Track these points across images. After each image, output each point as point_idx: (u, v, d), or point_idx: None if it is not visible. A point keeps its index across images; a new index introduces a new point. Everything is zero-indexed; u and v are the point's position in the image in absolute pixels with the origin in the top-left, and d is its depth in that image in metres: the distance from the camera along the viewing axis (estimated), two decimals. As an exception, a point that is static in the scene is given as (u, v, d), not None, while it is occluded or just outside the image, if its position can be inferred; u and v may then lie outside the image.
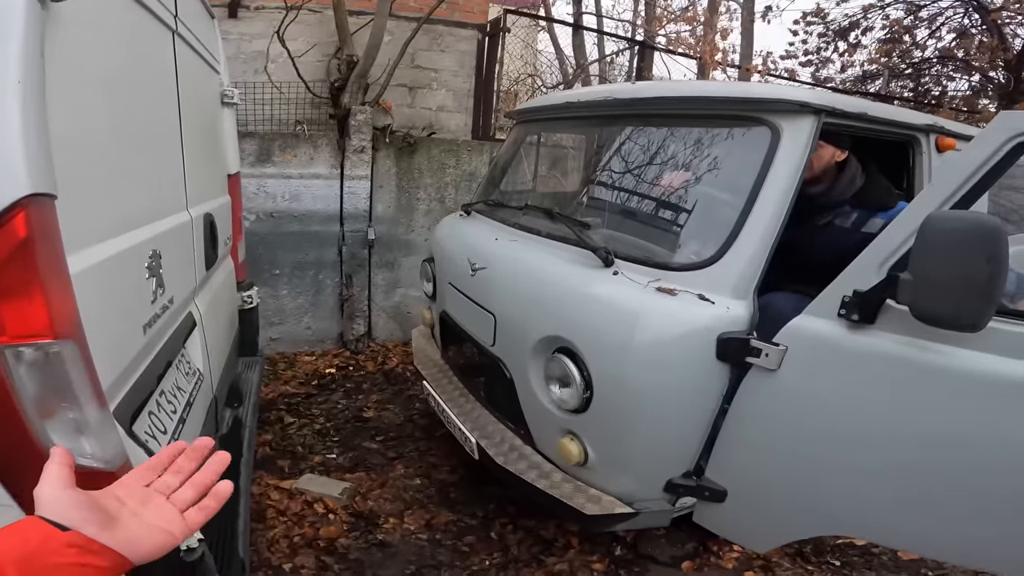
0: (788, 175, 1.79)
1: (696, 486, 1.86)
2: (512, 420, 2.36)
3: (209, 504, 0.69)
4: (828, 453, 1.62)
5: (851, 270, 1.57)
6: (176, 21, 1.65)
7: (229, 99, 2.44)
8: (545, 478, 2.04)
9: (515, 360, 2.24)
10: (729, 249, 1.79)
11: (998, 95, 7.32)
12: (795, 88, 2.29)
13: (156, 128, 1.48)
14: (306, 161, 4.07)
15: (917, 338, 1.44)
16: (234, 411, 2.30)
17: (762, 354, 1.67)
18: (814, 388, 1.62)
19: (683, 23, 9.27)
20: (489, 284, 2.41)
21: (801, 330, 1.64)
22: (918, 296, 1.34)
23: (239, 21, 4.20)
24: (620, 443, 1.88)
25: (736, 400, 1.76)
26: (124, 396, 1.18)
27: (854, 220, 2.20)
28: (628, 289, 1.82)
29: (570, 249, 2.14)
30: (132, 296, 1.21)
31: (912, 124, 2.19)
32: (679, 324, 1.72)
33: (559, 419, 2.02)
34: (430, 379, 2.84)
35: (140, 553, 0.62)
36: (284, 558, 2.31)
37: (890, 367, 1.48)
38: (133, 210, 1.26)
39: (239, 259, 2.63)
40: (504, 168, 3.18)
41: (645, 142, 2.31)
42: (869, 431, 1.54)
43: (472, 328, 2.58)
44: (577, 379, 1.88)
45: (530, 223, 2.50)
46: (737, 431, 1.78)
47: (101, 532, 0.58)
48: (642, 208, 2.23)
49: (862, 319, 1.52)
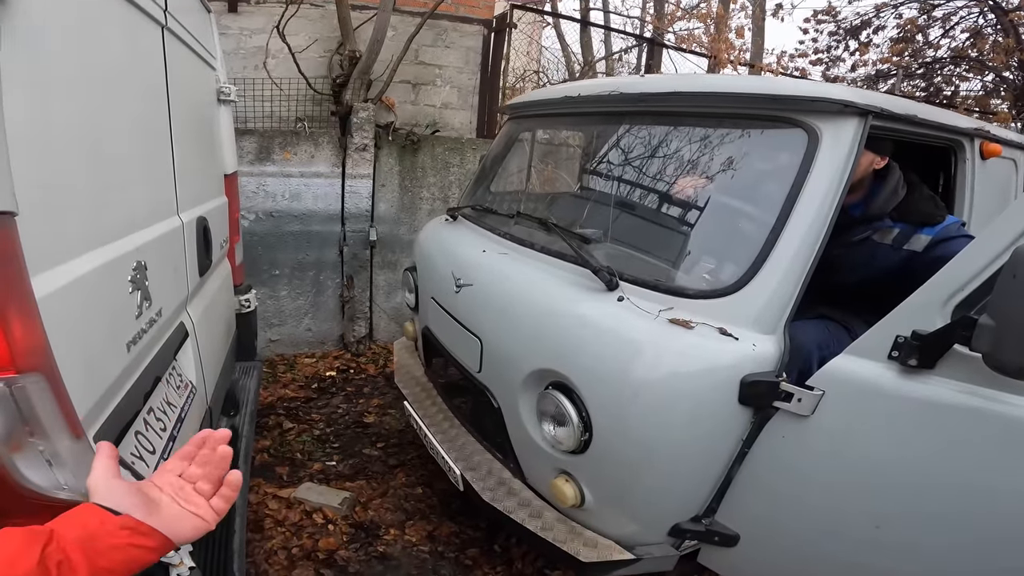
0: (828, 187, 1.55)
1: (705, 531, 1.66)
2: (500, 451, 2.14)
3: (227, 493, 0.77)
4: (864, 506, 1.44)
5: (908, 307, 1.36)
6: (166, 16, 1.56)
7: (226, 96, 2.36)
8: (536, 518, 1.84)
9: (503, 391, 2.00)
10: (757, 274, 1.55)
11: (1012, 95, 7.21)
12: (836, 86, 2.02)
13: (141, 130, 1.40)
14: (307, 159, 3.99)
15: (984, 387, 1.25)
16: (230, 420, 2.23)
17: (793, 399, 1.46)
18: (854, 438, 1.42)
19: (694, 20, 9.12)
20: (475, 303, 2.15)
21: (843, 373, 1.43)
22: (1000, 345, 1.13)
23: (239, 16, 4.11)
24: (622, 490, 1.68)
25: (758, 444, 1.56)
26: (106, 419, 1.11)
27: (895, 236, 1.95)
28: (635, 319, 1.59)
29: (568, 267, 1.89)
30: (113, 313, 1.13)
31: (959, 128, 2.01)
32: (695, 363, 1.49)
33: (552, 458, 1.80)
34: (412, 400, 2.59)
35: (181, 535, 0.70)
36: (282, 570, 2.25)
37: (950, 418, 1.29)
38: (113, 221, 1.18)
39: (236, 261, 2.55)
40: (494, 168, 2.91)
41: (656, 144, 2.05)
42: (918, 484, 1.36)
43: (456, 351, 2.32)
44: (574, 419, 1.65)
45: (522, 234, 2.24)
46: (756, 477, 1.59)
47: (149, 516, 0.67)
48: (653, 222, 1.96)
49: (921, 364, 1.31)
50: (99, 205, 1.12)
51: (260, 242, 3.96)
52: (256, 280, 3.95)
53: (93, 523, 0.62)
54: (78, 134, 1.04)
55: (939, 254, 1.78)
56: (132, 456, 1.22)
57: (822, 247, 1.54)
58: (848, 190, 1.80)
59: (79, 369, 0.97)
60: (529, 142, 2.94)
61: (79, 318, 0.99)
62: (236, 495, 0.77)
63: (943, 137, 1.98)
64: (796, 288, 1.53)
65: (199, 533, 0.73)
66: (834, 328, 1.98)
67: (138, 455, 1.25)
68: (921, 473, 1.34)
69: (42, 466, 0.86)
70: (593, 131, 2.59)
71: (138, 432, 1.27)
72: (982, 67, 7.62)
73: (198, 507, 0.74)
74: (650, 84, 2.06)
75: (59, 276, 0.92)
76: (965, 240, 1.78)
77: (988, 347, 1.15)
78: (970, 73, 7.94)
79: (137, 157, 1.36)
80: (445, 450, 2.20)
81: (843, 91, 1.63)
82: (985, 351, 1.17)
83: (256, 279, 3.95)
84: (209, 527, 0.73)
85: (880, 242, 1.98)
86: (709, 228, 1.80)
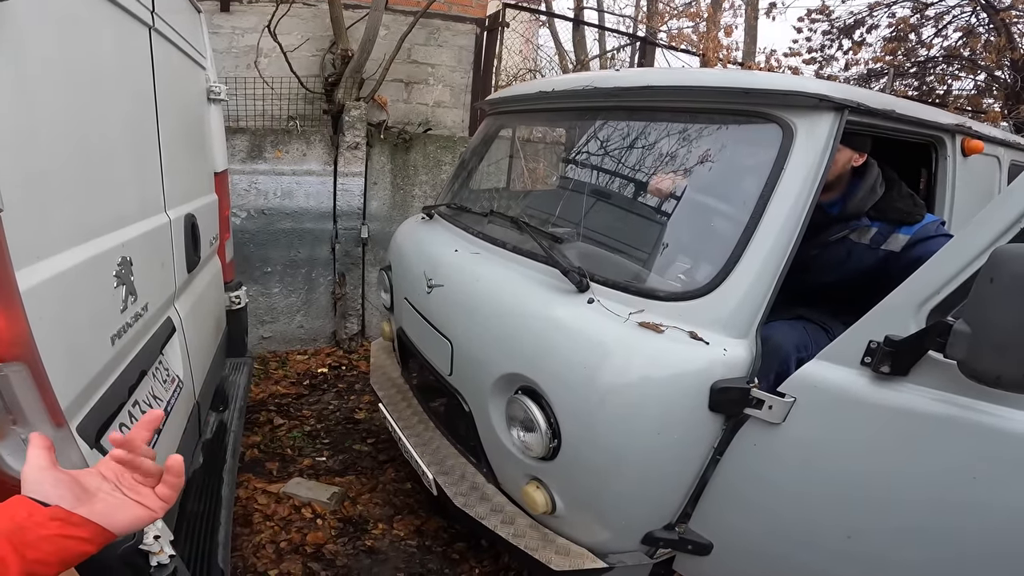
0: (802, 185, 1.50)
1: (679, 539, 1.62)
2: (474, 455, 2.09)
3: (170, 480, 0.74)
4: (836, 516, 1.39)
5: (881, 310, 1.31)
6: (153, 16, 1.59)
7: (216, 95, 2.38)
8: (509, 524, 1.80)
9: (474, 395, 1.94)
10: (729, 275, 1.49)
11: (1003, 94, 7.25)
12: (811, 79, 2.03)
13: (128, 129, 1.43)
14: (298, 157, 4.01)
15: (959, 395, 1.20)
16: (219, 415, 2.26)
17: (764, 406, 1.41)
18: (826, 446, 1.37)
19: (686, 19, 9.16)
20: (446, 305, 2.09)
21: (815, 379, 1.38)
22: (976, 352, 1.07)
23: (231, 15, 4.12)
24: (592, 497, 1.63)
25: (729, 452, 1.51)
26: (90, 411, 1.14)
27: (873, 236, 1.90)
28: (604, 322, 1.53)
29: (539, 268, 1.83)
30: (97, 307, 1.16)
31: (940, 124, 1.95)
32: (664, 369, 1.44)
33: (523, 464, 1.75)
34: (387, 402, 2.54)
35: (118, 525, 0.68)
36: (270, 564, 2.27)
37: (924, 427, 1.24)
38: (98, 217, 1.21)
39: (226, 258, 2.58)
40: (472, 165, 2.81)
41: (630, 140, 1.97)
42: (890, 495, 1.31)
43: (428, 353, 2.26)
44: (542, 425, 1.60)
45: (495, 233, 2.17)
46: (728, 485, 1.54)
47: (79, 506, 0.65)
48: (625, 221, 1.89)
49: (894, 371, 1.26)
50: (84, 202, 1.15)
51: (252, 239, 3.98)
52: (248, 277, 3.97)
53: (21, 515, 0.61)
54: (63, 133, 1.07)
55: (917, 254, 1.76)
56: (117, 447, 1.25)
57: (796, 247, 1.49)
58: (824, 188, 1.72)
59: (62, 360, 1.00)
60: (507, 138, 2.86)
61: (63, 311, 1.01)
62: (181, 480, 0.74)
63: (923, 133, 1.94)
64: (769, 290, 1.48)
65: (141, 523, 0.70)
66: (812, 329, 1.95)
67: (123, 447, 1.28)
68: (893, 484, 1.30)
69: (23, 454, 0.89)
70: (568, 127, 2.49)
71: (123, 424, 1.30)
72: (974, 66, 7.66)
73: (141, 495, 0.71)
74: (623, 78, 1.97)
75: (43, 270, 0.95)
76: (944, 240, 1.74)
77: (963, 354, 1.09)
78: (962, 72, 7.97)
79: (123, 155, 1.38)
80: (419, 454, 2.17)
81: (818, 84, 1.57)
82: (960, 358, 1.10)
83: (248, 276, 3.97)
84: (155, 515, 0.71)
85: (857, 241, 1.94)
86: (681, 228, 1.75)
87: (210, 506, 1.77)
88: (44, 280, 0.95)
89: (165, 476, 0.74)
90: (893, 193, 1.90)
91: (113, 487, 0.70)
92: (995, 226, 1.17)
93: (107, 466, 0.73)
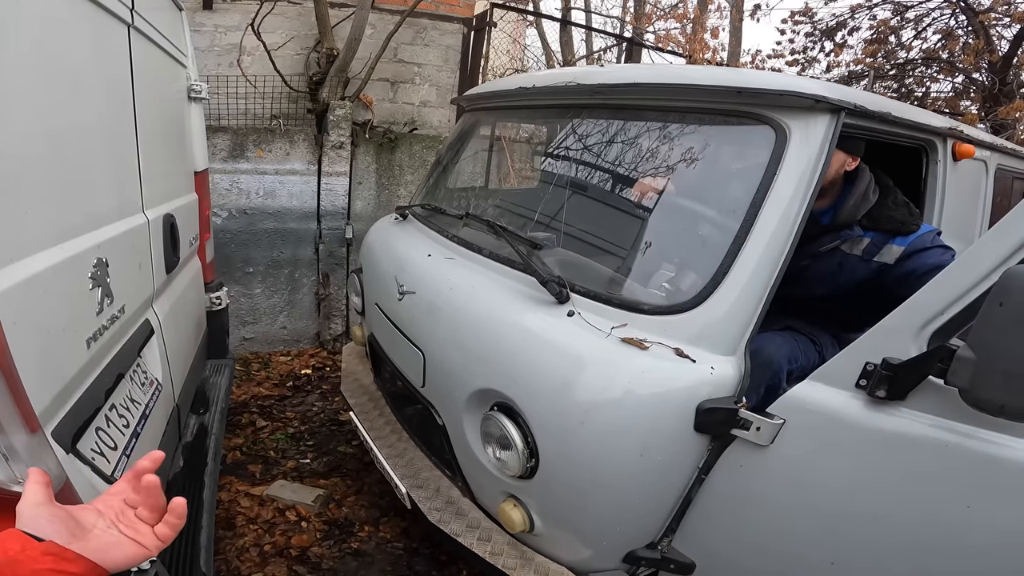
0: (796, 191, 1.41)
1: (661, 559, 1.55)
2: (448, 468, 1.99)
3: (172, 520, 0.74)
4: (822, 542, 1.33)
5: (879, 331, 1.23)
6: (132, 15, 1.56)
7: (197, 94, 2.35)
8: (486, 542, 1.71)
9: (447, 410, 1.86)
10: (717, 288, 1.41)
11: (980, 97, 7.37)
12: (807, 79, 1.88)
13: (104, 128, 1.40)
14: (282, 157, 3.97)
15: (957, 422, 1.13)
16: (200, 418, 2.23)
17: (752, 427, 1.34)
18: (815, 471, 1.31)
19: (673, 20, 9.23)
20: (418, 313, 1.97)
21: (805, 401, 1.31)
22: (981, 380, 1.00)
23: (214, 13, 4.07)
24: (572, 517, 1.56)
25: (715, 472, 1.44)
26: (65, 415, 1.12)
27: (866, 247, 1.80)
28: (585, 337, 1.45)
29: (517, 276, 1.73)
30: (72, 310, 1.14)
31: (933, 128, 1.89)
32: (648, 388, 1.35)
33: (500, 481, 1.67)
34: (358, 411, 2.41)
35: (111, 562, 0.67)
36: (254, 567, 2.25)
37: (920, 454, 1.17)
38: (73, 218, 1.18)
39: (207, 259, 2.54)
40: (448, 164, 2.68)
41: (615, 141, 1.86)
42: (879, 523, 1.24)
43: (399, 363, 2.15)
44: (519, 444, 1.52)
45: (471, 237, 2.05)
46: (712, 505, 1.48)
47: (73, 542, 0.65)
48: (609, 227, 1.80)
49: (891, 396, 1.19)
50: (58, 203, 1.13)
51: (233, 239, 3.94)
52: (229, 278, 3.93)
53: (15, 548, 0.61)
54: (37, 132, 1.05)
55: (912, 267, 1.70)
56: (93, 452, 1.23)
57: (788, 259, 1.40)
58: (819, 194, 1.60)
59: (36, 365, 0.98)
60: (485, 137, 2.75)
61: (36, 314, 0.99)
62: (182, 522, 0.75)
63: (916, 137, 1.86)
64: (759, 305, 1.39)
65: (134, 561, 0.70)
66: (802, 341, 1.88)
67: (99, 451, 1.26)
68: (882, 511, 1.24)
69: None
70: (549, 125, 2.37)
71: (99, 428, 1.28)
72: (952, 68, 7.78)
73: (139, 534, 0.71)
74: (608, 75, 1.85)
75: (15, 272, 0.93)
76: (940, 251, 1.69)
77: (966, 382, 1.03)
78: (940, 74, 8.11)
79: (99, 155, 1.36)
80: (391, 466, 2.06)
81: (815, 85, 1.48)
82: (962, 386, 1.04)
83: (229, 277, 3.93)
84: (149, 554, 0.71)
85: (849, 253, 1.83)
86: (667, 236, 1.67)
87: (191, 509, 1.74)
88: (17, 283, 0.93)
89: (167, 516, 0.74)
90: (887, 201, 1.81)
91: (109, 524, 0.70)
92: (1006, 244, 1.07)
93: (105, 502, 0.73)
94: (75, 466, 1.12)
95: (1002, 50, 7.12)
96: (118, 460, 1.33)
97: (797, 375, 1.73)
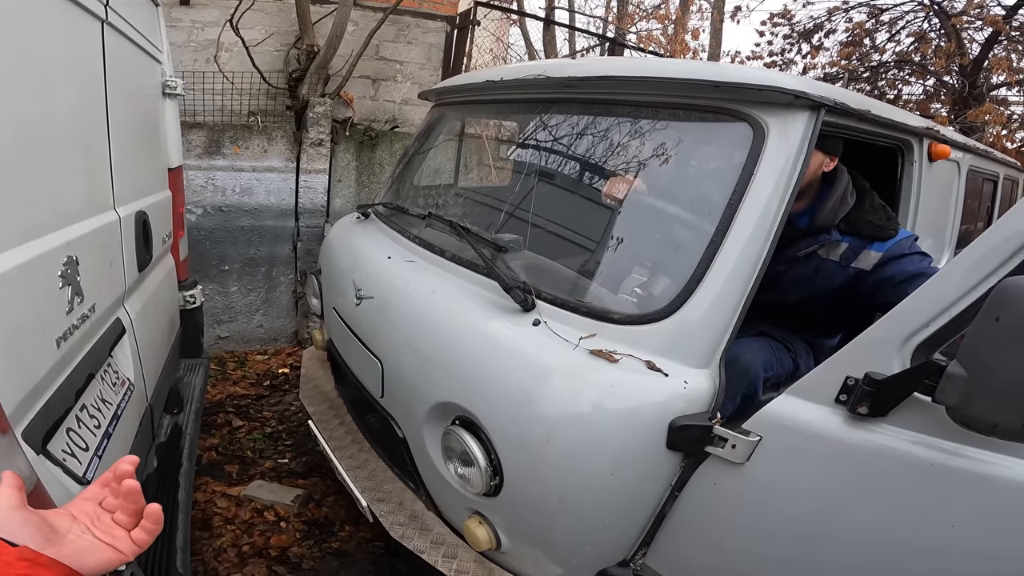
0: (773, 192, 1.34)
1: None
2: (412, 480, 1.88)
3: (148, 526, 0.73)
4: (799, 560, 1.27)
5: (861, 344, 1.16)
6: (106, 10, 1.54)
7: (172, 90, 2.32)
8: (451, 559, 1.62)
9: (407, 422, 1.77)
10: (691, 297, 1.34)
11: (951, 99, 7.54)
12: (786, 74, 1.83)
13: (75, 124, 1.38)
14: (259, 154, 3.93)
15: (942, 439, 1.07)
16: (173, 418, 2.20)
17: (727, 444, 1.27)
18: (792, 489, 1.24)
19: (655, 21, 9.31)
20: (376, 320, 1.87)
21: (781, 417, 1.24)
22: (972, 399, 0.94)
23: (191, 8, 4.01)
24: (540, 536, 1.47)
25: (688, 489, 1.37)
26: (35, 416, 1.11)
27: (843, 252, 1.74)
28: (551, 348, 1.37)
29: (479, 281, 1.65)
30: (41, 309, 1.12)
31: (911, 127, 1.84)
32: (618, 403, 1.28)
33: (464, 497, 1.59)
34: (317, 419, 2.28)
35: (87, 567, 0.66)
36: (232, 568, 2.23)
37: (902, 472, 1.11)
38: (41, 215, 1.16)
39: (181, 256, 2.51)
40: (414, 161, 2.56)
41: (585, 137, 1.76)
42: (857, 541, 1.19)
43: (357, 371, 2.05)
44: (481, 461, 1.44)
45: (433, 238, 1.95)
46: (685, 523, 1.41)
47: (47, 547, 0.63)
48: (576, 229, 1.72)
49: (873, 412, 1.12)
50: (26, 200, 1.11)
51: (208, 237, 3.89)
52: (204, 276, 3.88)
53: None
54: (3, 127, 1.03)
55: (889, 274, 1.65)
56: (64, 453, 1.21)
57: (766, 264, 1.33)
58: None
59: (4, 365, 0.97)
60: (453, 133, 2.63)
61: (4, 314, 0.98)
62: (159, 528, 0.74)
63: (894, 137, 1.82)
64: (735, 314, 1.32)
65: (110, 566, 0.69)
66: (777, 348, 1.84)
67: (70, 452, 1.24)
68: (861, 529, 1.18)
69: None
70: (519, 120, 2.25)
71: (70, 429, 1.26)
72: (924, 71, 7.96)
73: (115, 539, 0.70)
74: (579, 67, 1.75)
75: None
76: (918, 258, 1.65)
77: (956, 400, 0.96)
78: (912, 77, 8.28)
79: (70, 151, 1.34)
80: (352, 477, 1.95)
81: (794, 80, 1.42)
82: (951, 404, 0.98)
83: (204, 275, 3.88)
84: (125, 559, 0.70)
85: (826, 258, 1.77)
86: (639, 240, 1.60)
87: (166, 511, 1.72)
88: (-18, 282, 0.91)
89: (143, 522, 0.73)
90: (865, 204, 1.76)
91: (84, 528, 0.69)
92: (998, 254, 0.99)
93: (78, 507, 0.72)
94: (46, 467, 1.11)
95: (973, 53, 7.30)
96: (89, 461, 1.31)
97: (772, 383, 1.71)
